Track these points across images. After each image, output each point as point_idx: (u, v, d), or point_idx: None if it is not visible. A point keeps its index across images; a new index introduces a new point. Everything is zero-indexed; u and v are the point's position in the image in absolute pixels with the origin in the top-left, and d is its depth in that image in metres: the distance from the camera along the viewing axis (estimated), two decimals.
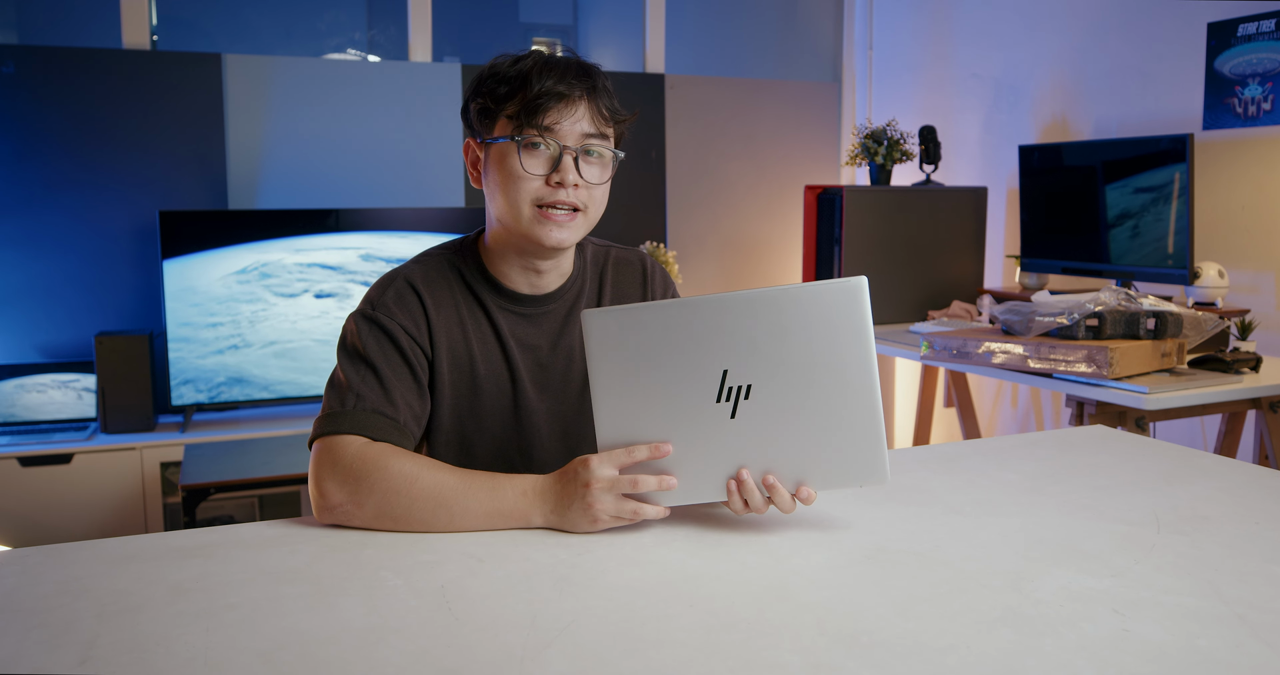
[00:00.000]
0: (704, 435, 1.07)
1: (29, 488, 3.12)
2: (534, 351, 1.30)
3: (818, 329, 1.04)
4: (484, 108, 1.23)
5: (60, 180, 3.35)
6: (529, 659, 0.81)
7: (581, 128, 1.21)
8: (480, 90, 1.24)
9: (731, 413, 1.06)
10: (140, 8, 3.44)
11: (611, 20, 5.29)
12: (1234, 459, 1.44)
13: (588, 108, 1.22)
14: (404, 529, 1.10)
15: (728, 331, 1.05)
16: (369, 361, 1.20)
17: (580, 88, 1.21)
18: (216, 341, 3.39)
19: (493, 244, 1.29)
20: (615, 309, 1.08)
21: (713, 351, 1.05)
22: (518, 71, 1.21)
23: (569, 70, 1.21)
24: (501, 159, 1.22)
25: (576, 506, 1.08)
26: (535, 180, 1.20)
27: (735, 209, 4.33)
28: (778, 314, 1.04)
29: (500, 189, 1.22)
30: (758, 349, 1.05)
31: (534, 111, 1.19)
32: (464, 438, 1.29)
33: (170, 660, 0.81)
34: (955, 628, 0.86)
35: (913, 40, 4.31)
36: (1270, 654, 0.82)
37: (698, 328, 1.06)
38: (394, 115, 3.70)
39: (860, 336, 1.04)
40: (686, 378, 1.06)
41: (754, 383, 1.05)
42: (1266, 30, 2.85)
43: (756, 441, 1.07)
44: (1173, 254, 2.91)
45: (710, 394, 1.06)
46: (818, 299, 1.04)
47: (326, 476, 1.12)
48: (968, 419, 3.73)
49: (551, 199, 1.20)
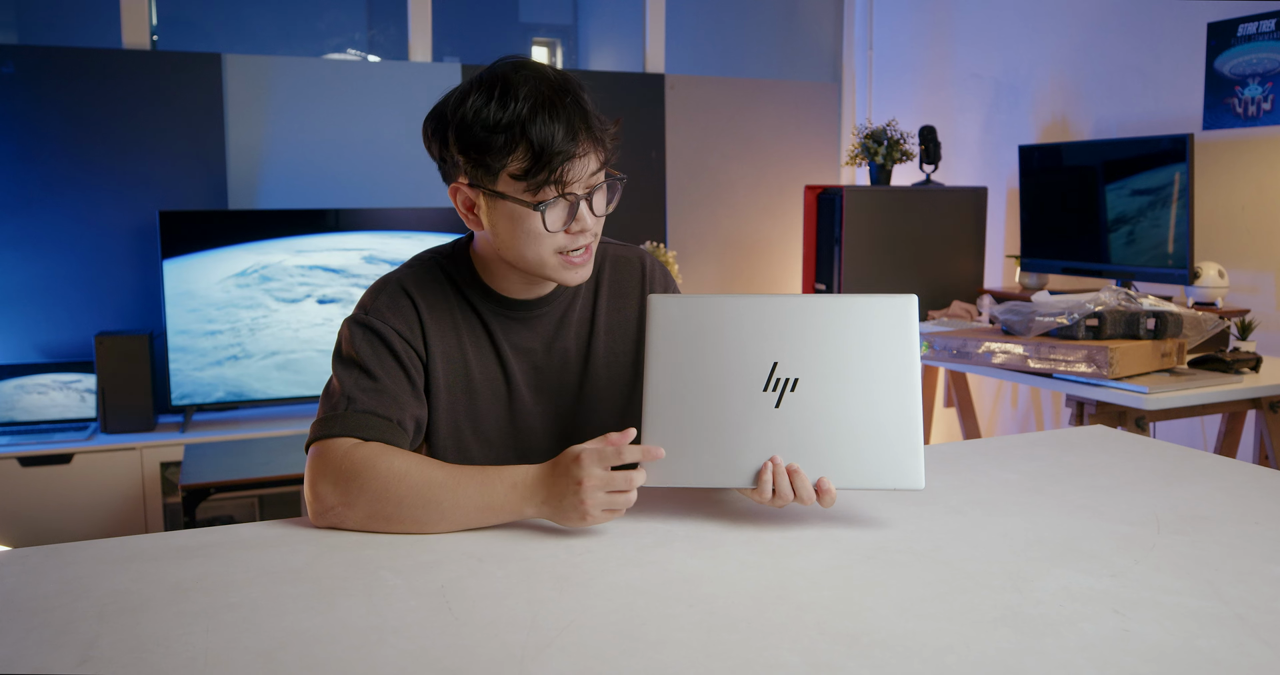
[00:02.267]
0: (747, 421, 1.11)
1: (29, 488, 3.12)
2: (528, 354, 1.30)
3: (867, 336, 1.11)
4: (478, 161, 1.14)
5: (60, 180, 3.35)
6: (529, 659, 0.81)
7: (590, 169, 1.16)
8: (467, 140, 1.14)
9: (777, 402, 1.10)
10: (140, 8, 3.44)
11: (611, 20, 5.29)
12: (1234, 459, 1.44)
13: (593, 149, 1.16)
14: (397, 529, 1.10)
15: (782, 328, 1.11)
16: (362, 366, 1.20)
17: (587, 138, 1.14)
18: (215, 351, 3.35)
19: (489, 261, 1.27)
20: (680, 296, 1.14)
21: (766, 344, 1.11)
22: (513, 120, 1.11)
23: (571, 117, 1.12)
24: (517, 219, 1.16)
25: (568, 502, 1.07)
26: (559, 234, 1.17)
27: (735, 209, 4.33)
28: (832, 317, 1.11)
29: (514, 242, 1.18)
30: (809, 347, 1.11)
31: (547, 171, 1.12)
32: (461, 442, 1.28)
33: (170, 660, 0.81)
34: (955, 628, 0.86)
35: (913, 40, 4.31)
36: (1270, 654, 0.82)
37: (755, 321, 1.11)
38: (394, 115, 3.70)
39: (906, 347, 1.10)
40: (738, 365, 1.11)
41: (801, 377, 1.10)
42: (1266, 30, 2.85)
43: (797, 433, 1.10)
44: (1173, 254, 2.91)
45: (759, 383, 1.11)
46: (871, 309, 1.11)
47: (319, 479, 1.12)
48: (968, 419, 3.73)
49: (573, 245, 1.18)
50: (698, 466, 1.11)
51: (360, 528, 1.11)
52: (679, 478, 1.11)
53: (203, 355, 3.35)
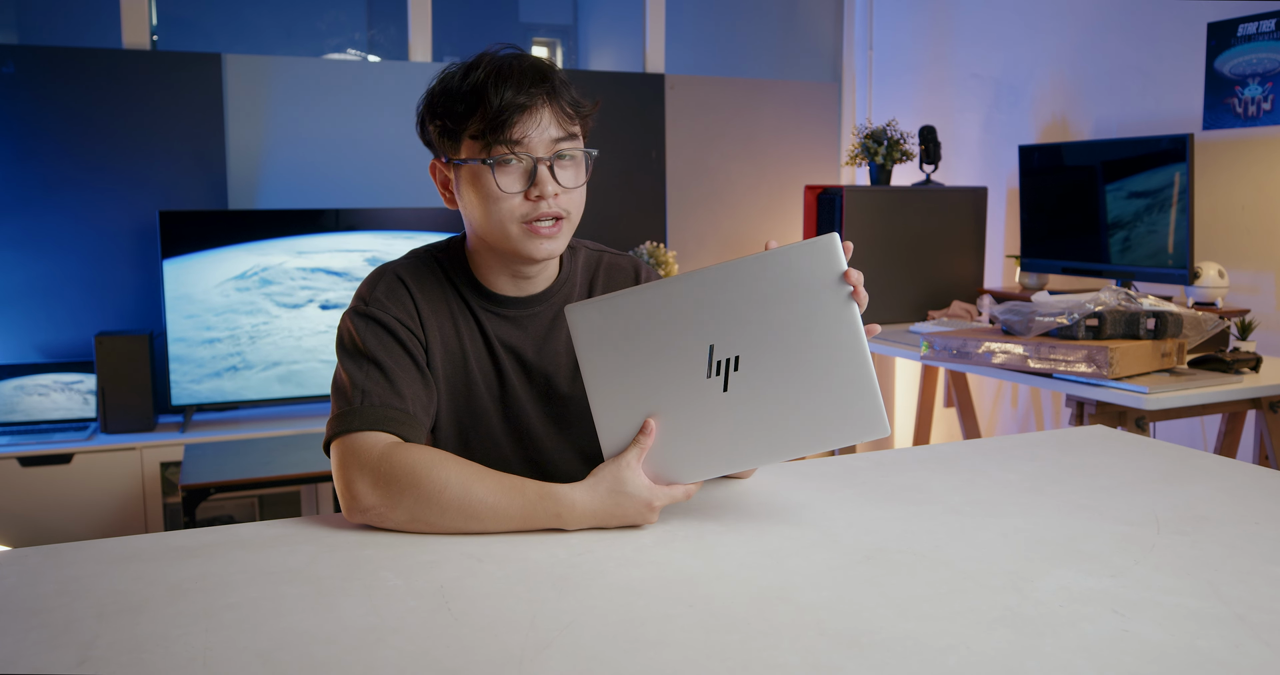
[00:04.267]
0: (700, 412, 1.08)
1: (29, 488, 3.12)
2: (517, 354, 1.30)
3: (797, 290, 1.04)
4: (444, 128, 1.20)
5: (60, 180, 3.35)
6: (529, 659, 0.81)
7: (550, 134, 1.18)
8: (436, 110, 1.20)
9: (724, 386, 1.07)
10: (140, 8, 3.44)
11: (611, 20, 5.29)
12: (1234, 459, 1.44)
13: (551, 112, 1.19)
14: (438, 533, 1.11)
15: (709, 306, 1.06)
16: (371, 357, 1.20)
17: (539, 92, 1.17)
18: (214, 361, 3.30)
19: (477, 252, 1.28)
20: (596, 300, 1.10)
21: (697, 328, 1.06)
22: (471, 86, 1.16)
23: (525, 76, 1.17)
24: (475, 181, 1.19)
25: (630, 521, 1.11)
26: (515, 198, 1.18)
27: (735, 209, 4.33)
28: (755, 281, 1.05)
29: (479, 210, 1.20)
30: (740, 319, 1.05)
31: (499, 128, 1.15)
32: (461, 431, 1.29)
33: (170, 660, 0.81)
34: (955, 628, 0.86)
35: (913, 40, 4.31)
36: (1270, 654, 0.82)
37: (679, 307, 1.07)
38: (394, 115, 3.70)
39: (839, 292, 1.03)
40: (675, 358, 1.07)
41: (741, 353, 1.06)
42: (1266, 30, 2.85)
43: (752, 411, 1.07)
44: (1173, 254, 2.90)
45: (700, 370, 1.07)
46: (793, 261, 1.04)
47: (355, 477, 1.12)
48: (968, 419, 3.73)
49: (535, 213, 1.18)
50: (662, 470, 1.11)
51: (400, 528, 1.12)
52: (675, 478, 1.11)
53: (200, 365, 3.30)
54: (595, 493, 1.10)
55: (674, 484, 1.12)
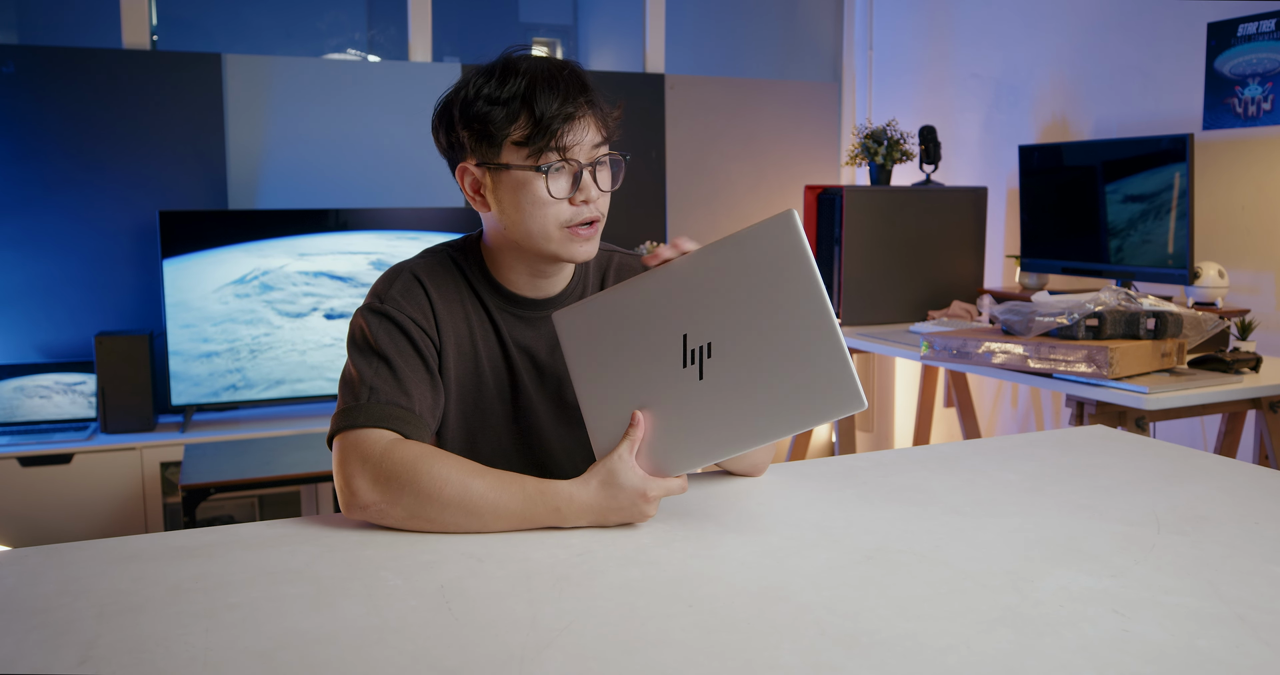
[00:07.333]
0: (680, 403, 1.09)
1: (29, 488, 3.12)
2: (531, 354, 1.31)
3: (760, 271, 1.04)
4: (482, 133, 1.20)
5: (60, 180, 3.35)
6: (529, 659, 0.81)
7: (592, 140, 1.21)
8: (472, 115, 1.20)
9: (699, 374, 1.07)
10: (140, 8, 3.44)
11: (611, 20, 5.28)
12: (1234, 459, 1.44)
13: (593, 119, 1.21)
14: (437, 531, 1.11)
15: (678, 297, 1.08)
16: (381, 354, 1.20)
17: (584, 100, 1.20)
18: (212, 379, 3.22)
19: (498, 252, 1.29)
20: (577, 305, 1.13)
21: (669, 320, 1.08)
22: (514, 93, 1.17)
23: (571, 86, 1.19)
24: (521, 187, 1.19)
25: (628, 515, 1.11)
26: (562, 203, 1.20)
27: (735, 209, 4.33)
28: (720, 267, 1.06)
29: (520, 214, 1.20)
30: (708, 306, 1.07)
31: (549, 135, 1.17)
32: (469, 431, 1.29)
33: (170, 660, 0.81)
34: (955, 628, 0.86)
35: (913, 40, 4.31)
36: (1270, 654, 0.82)
37: (653, 301, 1.09)
38: (394, 115, 3.70)
39: (801, 268, 1.02)
40: (652, 352, 1.09)
41: (713, 340, 1.07)
42: (1266, 30, 2.85)
43: (728, 397, 1.06)
44: (1173, 254, 2.90)
45: (675, 361, 1.08)
46: (752, 242, 1.05)
47: (355, 474, 1.12)
48: (968, 419, 3.73)
49: (579, 218, 1.21)
50: (653, 464, 1.11)
51: (399, 526, 1.12)
52: (667, 471, 1.12)
53: (197, 384, 3.23)
54: (590, 487, 1.11)
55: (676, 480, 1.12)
